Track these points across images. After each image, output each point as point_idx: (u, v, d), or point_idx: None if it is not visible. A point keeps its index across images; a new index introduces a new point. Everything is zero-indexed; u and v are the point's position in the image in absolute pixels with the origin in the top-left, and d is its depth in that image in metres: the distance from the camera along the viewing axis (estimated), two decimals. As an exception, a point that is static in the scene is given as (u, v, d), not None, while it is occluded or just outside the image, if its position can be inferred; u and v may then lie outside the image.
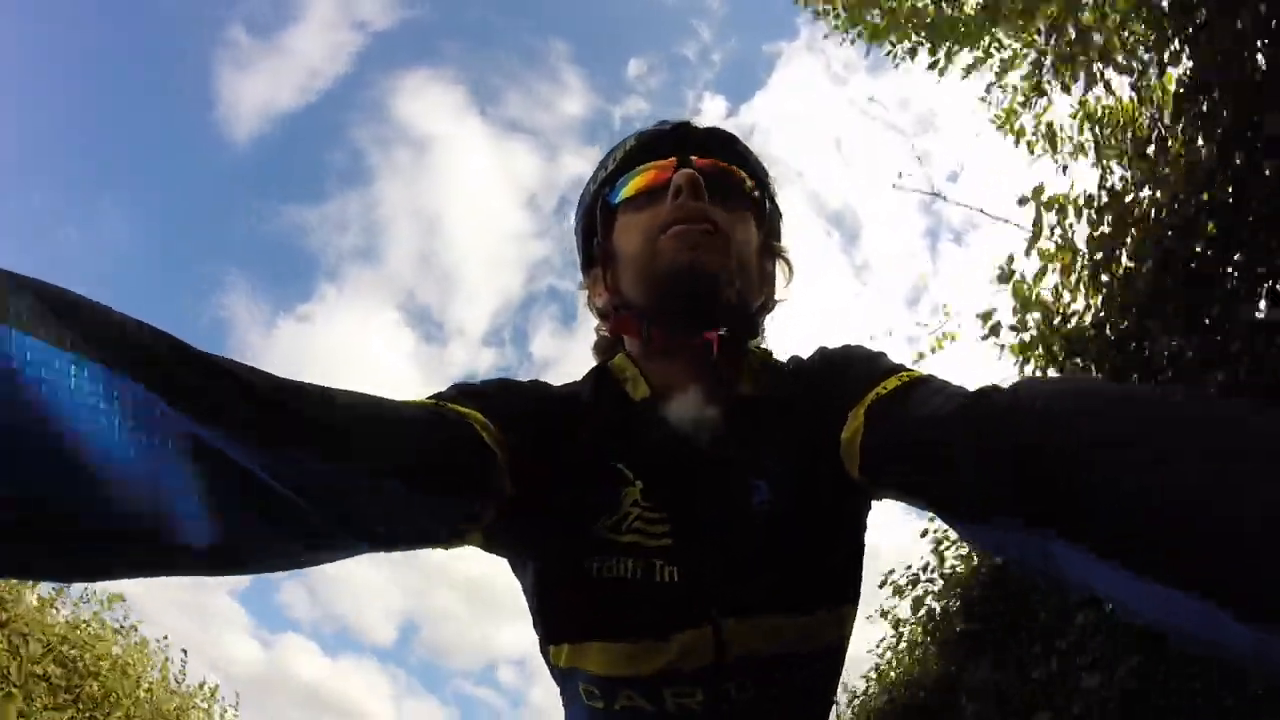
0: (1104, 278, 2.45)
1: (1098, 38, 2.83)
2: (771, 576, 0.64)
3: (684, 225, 0.68)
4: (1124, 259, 2.36)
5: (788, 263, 0.82)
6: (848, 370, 0.67)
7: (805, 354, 0.77)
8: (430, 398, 0.61)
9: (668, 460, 0.67)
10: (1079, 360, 2.47)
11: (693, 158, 0.72)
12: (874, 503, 0.71)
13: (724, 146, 0.76)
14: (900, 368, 0.64)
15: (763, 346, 0.79)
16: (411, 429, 0.52)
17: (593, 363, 0.80)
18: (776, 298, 0.80)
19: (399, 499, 0.48)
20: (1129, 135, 2.67)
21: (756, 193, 0.76)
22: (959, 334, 3.64)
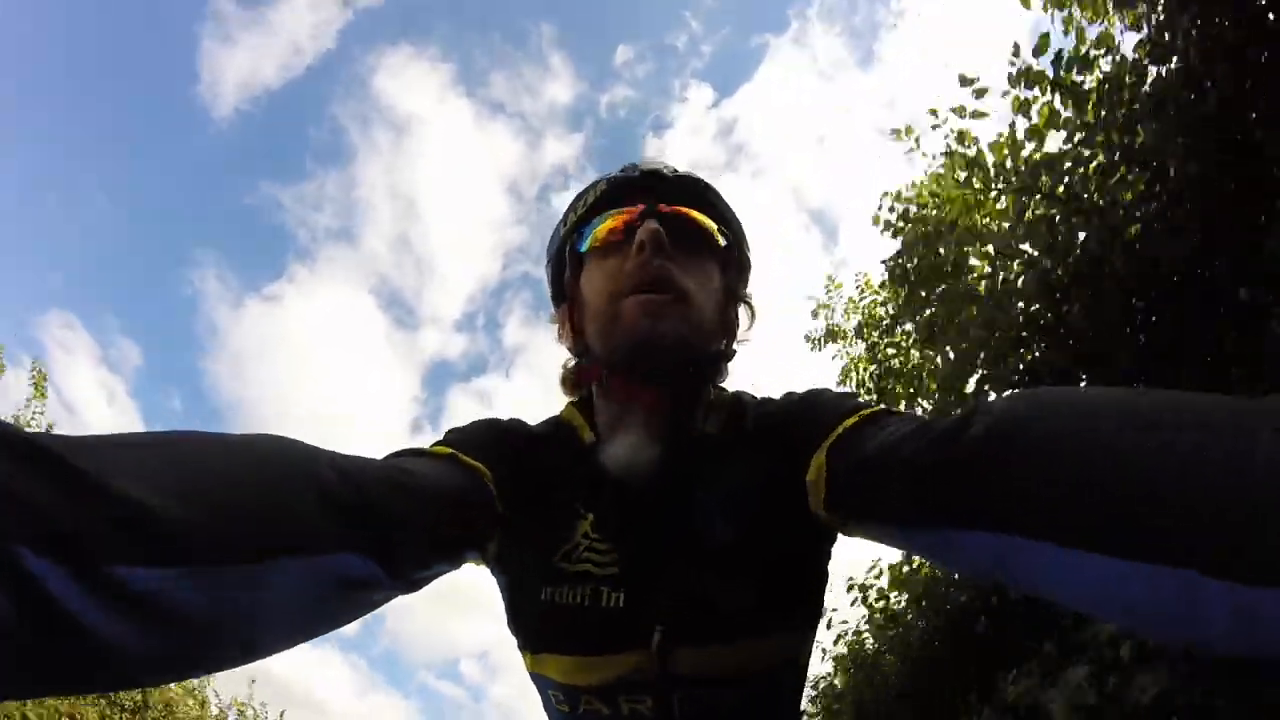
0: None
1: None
2: (715, 608, 0.66)
3: (645, 295, 0.69)
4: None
5: (751, 308, 0.83)
6: (812, 413, 0.68)
7: (776, 395, 0.79)
8: (441, 445, 0.68)
9: (614, 496, 0.71)
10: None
11: (660, 206, 0.73)
12: (837, 538, 0.73)
13: (693, 194, 0.77)
14: (861, 405, 0.65)
15: (725, 387, 0.80)
16: (447, 497, 0.59)
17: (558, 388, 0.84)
18: (739, 341, 0.81)
19: (437, 557, 0.57)
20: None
21: (724, 240, 0.77)
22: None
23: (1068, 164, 3.50)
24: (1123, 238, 3.17)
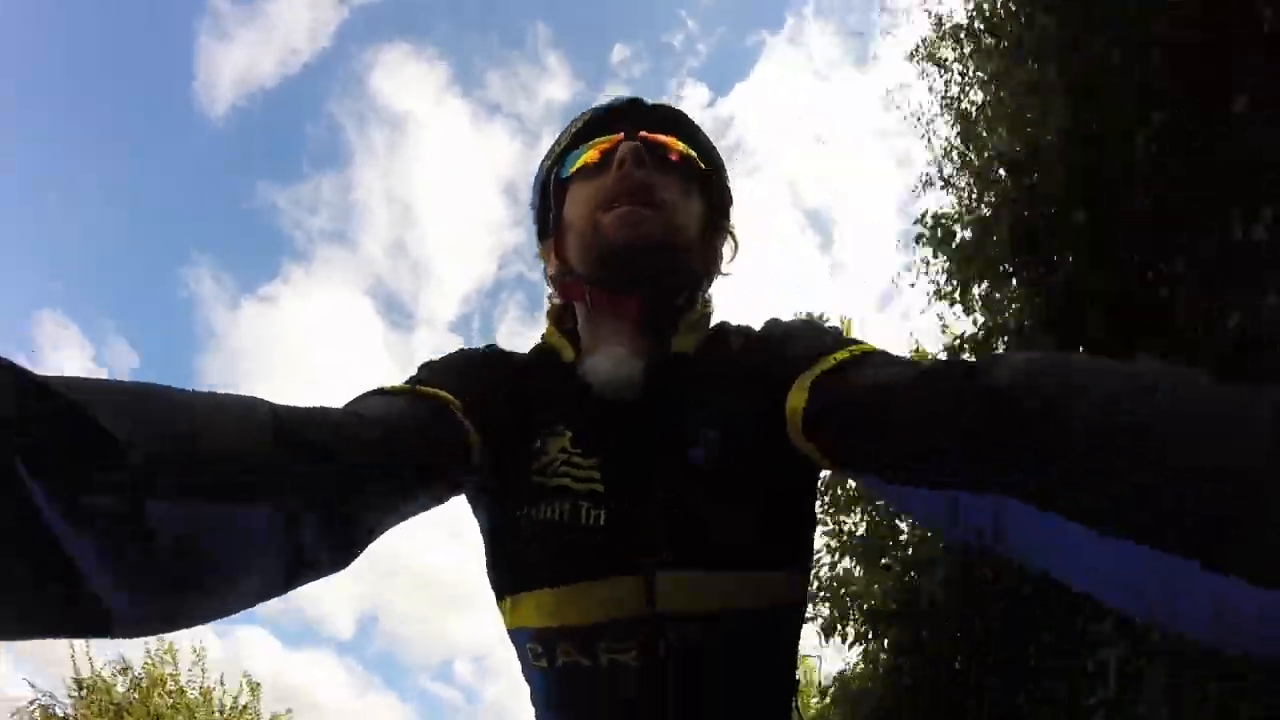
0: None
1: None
2: (702, 529, 0.64)
3: (626, 206, 0.70)
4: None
5: (734, 239, 0.84)
6: (798, 341, 0.68)
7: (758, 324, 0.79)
8: (406, 383, 0.66)
9: (594, 410, 0.70)
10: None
11: (641, 133, 0.74)
12: (819, 474, 0.72)
13: (673, 123, 0.78)
14: (852, 342, 0.64)
15: (708, 310, 0.80)
16: (409, 430, 0.58)
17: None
18: (722, 271, 0.82)
19: (402, 499, 0.55)
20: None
21: (702, 168, 0.78)
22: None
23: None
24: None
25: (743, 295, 0.84)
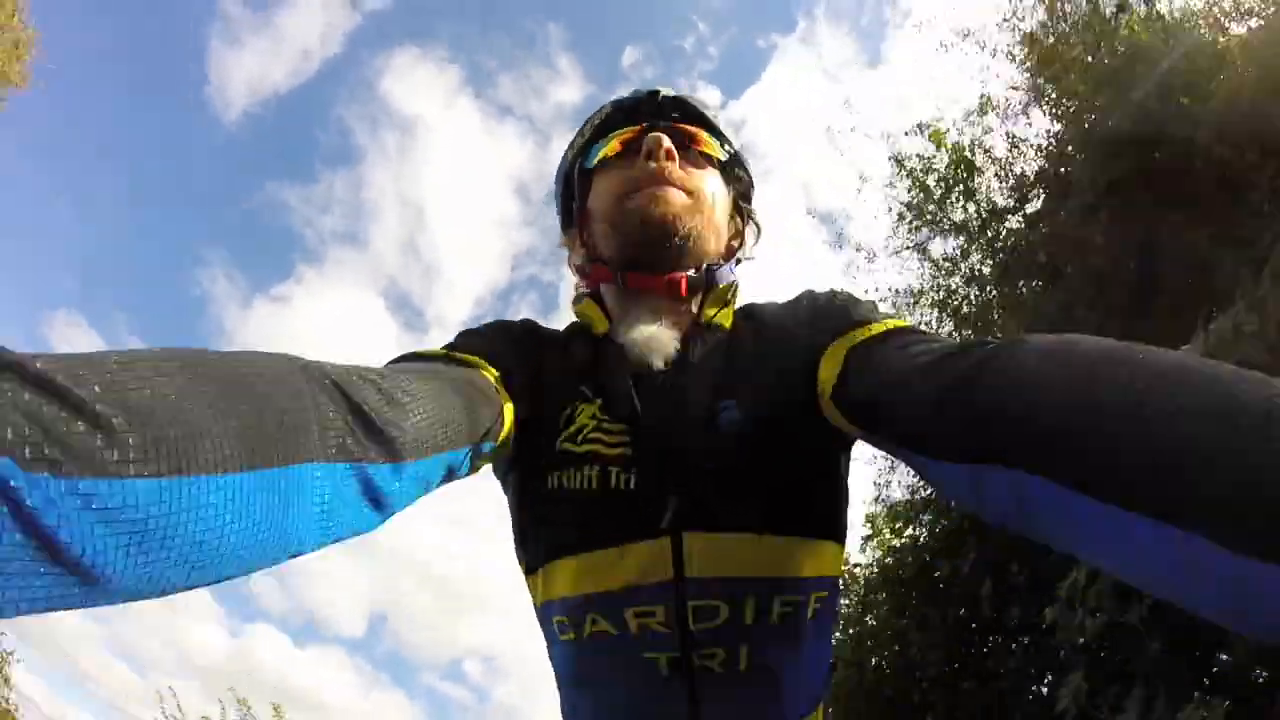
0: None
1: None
2: (732, 494, 0.64)
3: (652, 187, 0.72)
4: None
5: (757, 224, 0.86)
6: (832, 312, 0.69)
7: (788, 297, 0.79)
8: (444, 348, 0.67)
9: (625, 378, 0.70)
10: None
11: (663, 123, 0.77)
12: (852, 445, 0.72)
13: (695, 113, 0.80)
14: (887, 316, 0.65)
15: (736, 287, 0.80)
16: (455, 396, 0.56)
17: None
18: (746, 255, 0.84)
19: (440, 463, 0.53)
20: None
21: (725, 156, 0.80)
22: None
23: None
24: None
25: (757, 297, 0.84)
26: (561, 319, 0.85)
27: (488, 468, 0.69)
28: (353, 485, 0.43)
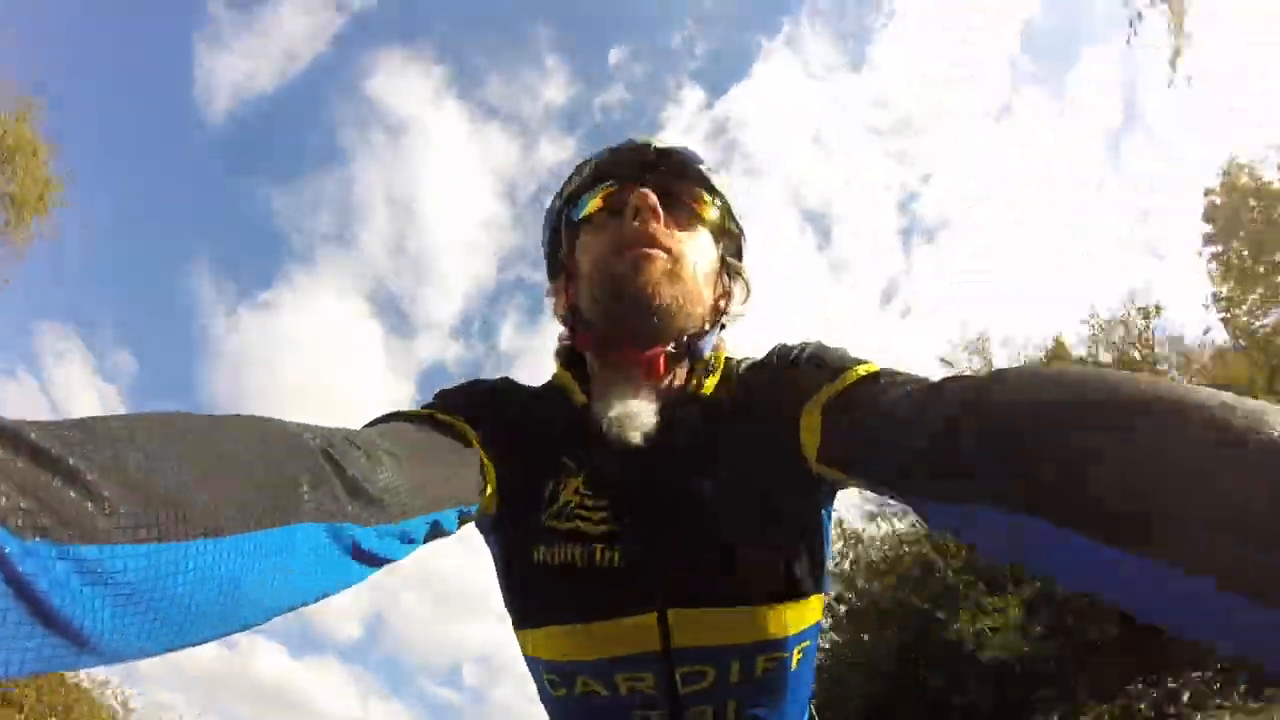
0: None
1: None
2: (717, 569, 0.65)
3: (635, 249, 0.70)
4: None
5: (746, 282, 0.84)
6: (803, 368, 0.69)
7: (761, 353, 0.78)
8: (425, 408, 0.68)
9: (607, 455, 0.70)
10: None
11: (652, 177, 0.75)
12: (835, 497, 0.73)
13: (685, 166, 0.78)
14: (858, 361, 0.65)
15: (719, 352, 0.80)
16: (430, 458, 0.58)
17: (552, 364, 0.84)
18: (734, 312, 0.82)
19: (421, 522, 0.54)
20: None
21: (715, 213, 0.78)
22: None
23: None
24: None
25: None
26: (549, 323, 0.86)
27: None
28: (339, 545, 0.45)
